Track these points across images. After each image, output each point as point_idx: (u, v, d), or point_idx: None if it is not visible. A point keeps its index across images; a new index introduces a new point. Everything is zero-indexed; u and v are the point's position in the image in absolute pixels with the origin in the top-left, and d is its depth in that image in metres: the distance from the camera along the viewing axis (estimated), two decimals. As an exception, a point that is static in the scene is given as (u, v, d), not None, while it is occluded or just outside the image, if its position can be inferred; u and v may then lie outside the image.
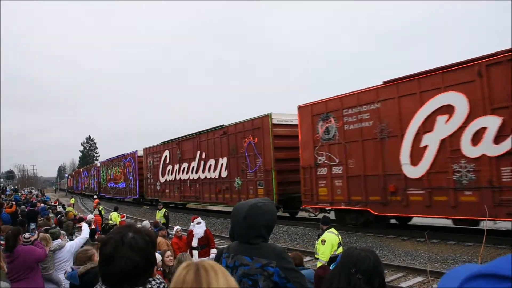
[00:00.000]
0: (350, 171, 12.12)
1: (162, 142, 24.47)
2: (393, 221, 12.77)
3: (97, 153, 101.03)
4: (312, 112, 13.38)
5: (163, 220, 12.99)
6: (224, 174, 17.67)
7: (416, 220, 12.58)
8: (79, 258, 3.99)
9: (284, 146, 15.24)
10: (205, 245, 7.67)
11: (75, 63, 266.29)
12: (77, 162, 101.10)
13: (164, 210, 13.94)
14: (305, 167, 13.59)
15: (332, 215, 14.91)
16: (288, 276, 1.95)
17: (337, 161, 12.50)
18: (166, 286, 1.52)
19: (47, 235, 5.52)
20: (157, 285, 1.48)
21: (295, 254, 4.93)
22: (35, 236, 5.11)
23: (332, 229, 6.15)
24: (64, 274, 4.43)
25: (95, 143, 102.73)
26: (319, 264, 5.83)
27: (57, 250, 5.44)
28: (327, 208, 13.30)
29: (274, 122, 15.10)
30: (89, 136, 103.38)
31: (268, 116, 15.11)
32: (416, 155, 10.40)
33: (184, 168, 21.28)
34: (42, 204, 17.65)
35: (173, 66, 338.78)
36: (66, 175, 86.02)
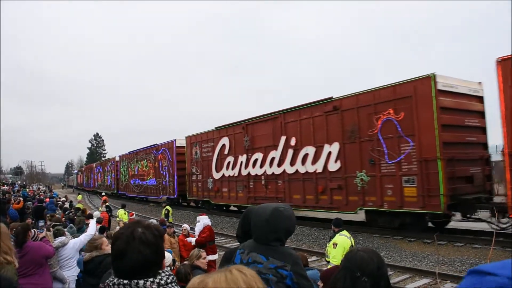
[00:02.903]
0: None
1: (216, 128, 19.28)
2: None
3: (105, 150, 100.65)
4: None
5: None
6: (333, 166, 12.52)
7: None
8: (88, 246, 4.25)
9: (451, 124, 10.13)
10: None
11: (84, 59, 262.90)
12: (84, 159, 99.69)
13: (165, 208, 14.56)
14: (519, 154, 8.42)
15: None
16: (299, 282, 1.97)
17: None
18: (175, 278, 1.56)
19: (48, 232, 5.67)
20: (166, 277, 1.51)
21: (299, 255, 4.00)
22: (43, 233, 5.27)
23: (344, 232, 5.81)
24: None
25: (102, 140, 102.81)
26: None
27: (60, 247, 5.38)
28: None
29: (440, 87, 9.93)
30: (96, 133, 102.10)
31: (430, 79, 9.97)
32: None
33: (256, 160, 16.09)
34: (49, 199, 17.85)
35: (181, 65, 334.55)
36: (76, 171, 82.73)
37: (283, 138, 14.58)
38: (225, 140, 18.36)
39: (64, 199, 21.06)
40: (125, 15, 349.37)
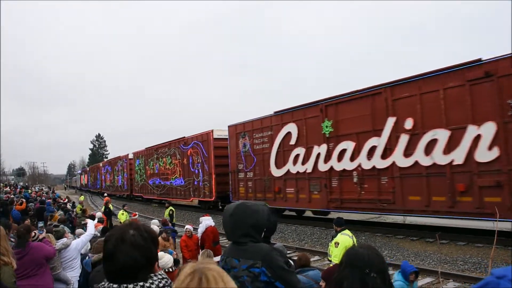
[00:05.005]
0: None
1: (276, 112, 15.68)
2: None
3: (107, 151, 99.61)
4: None
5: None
6: (485, 156, 8.99)
7: (426, 220, 12.36)
8: (95, 247, 4.45)
9: None
10: (203, 246, 7.42)
11: (85, 60, 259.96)
12: (86, 160, 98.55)
13: (169, 208, 13.67)
14: None
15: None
16: (274, 273, 1.89)
17: None
18: (169, 282, 1.50)
19: (50, 234, 5.47)
20: (159, 280, 1.46)
21: (301, 255, 4.56)
22: (43, 234, 5.17)
23: (346, 231, 5.86)
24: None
25: (104, 141, 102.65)
26: None
27: (63, 249, 5.33)
28: None
29: None
30: (98, 134, 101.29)
31: None
32: None
33: (343, 151, 12.50)
34: (49, 200, 17.63)
35: (181, 65, 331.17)
36: (79, 171, 79.47)
37: (390, 120, 11.01)
38: (290, 127, 14.73)
39: (66, 200, 20.52)
40: (126, 16, 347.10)
